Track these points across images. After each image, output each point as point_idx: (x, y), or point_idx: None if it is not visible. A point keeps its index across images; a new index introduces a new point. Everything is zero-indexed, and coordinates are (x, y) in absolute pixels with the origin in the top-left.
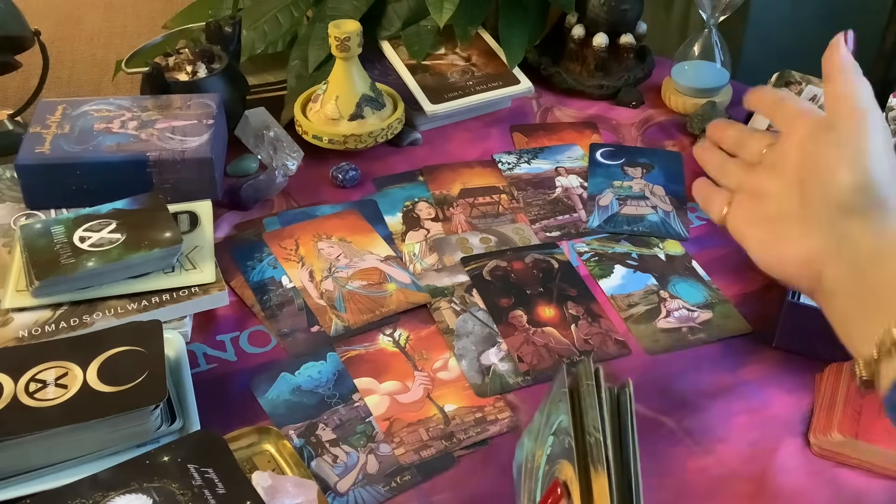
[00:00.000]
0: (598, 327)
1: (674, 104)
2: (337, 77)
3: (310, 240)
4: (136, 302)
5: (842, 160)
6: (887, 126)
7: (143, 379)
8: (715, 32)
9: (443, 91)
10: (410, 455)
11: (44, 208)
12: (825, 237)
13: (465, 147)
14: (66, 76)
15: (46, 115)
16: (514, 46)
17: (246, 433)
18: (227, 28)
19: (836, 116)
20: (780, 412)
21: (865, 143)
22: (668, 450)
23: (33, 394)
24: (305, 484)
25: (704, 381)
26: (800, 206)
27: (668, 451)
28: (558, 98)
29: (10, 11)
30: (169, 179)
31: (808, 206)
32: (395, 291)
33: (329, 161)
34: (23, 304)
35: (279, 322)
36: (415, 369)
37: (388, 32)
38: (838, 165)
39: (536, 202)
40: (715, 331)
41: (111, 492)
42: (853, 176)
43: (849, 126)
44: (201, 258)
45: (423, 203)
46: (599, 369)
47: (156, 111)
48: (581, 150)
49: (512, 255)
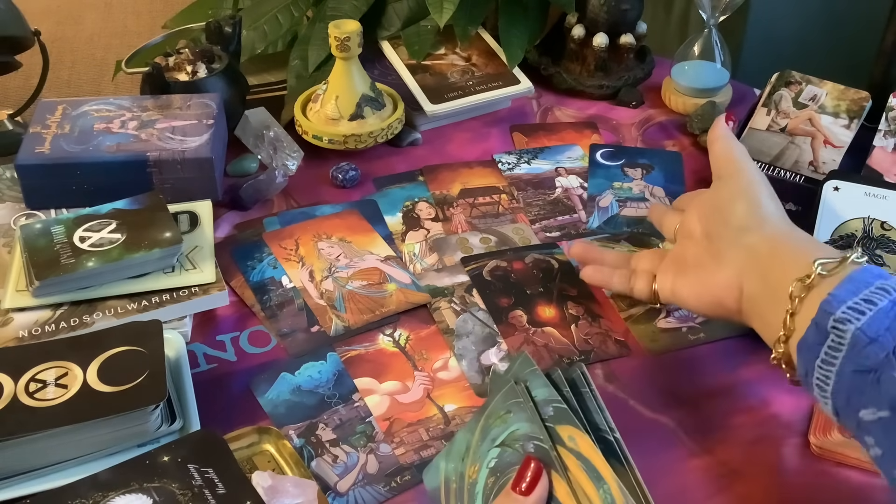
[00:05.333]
0: (598, 327)
1: (674, 104)
2: (337, 77)
3: (310, 240)
4: (136, 302)
5: (733, 198)
6: (760, 173)
7: (143, 379)
8: (715, 32)
9: (443, 91)
10: (410, 455)
11: (44, 208)
12: (736, 257)
13: (465, 147)
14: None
15: (46, 115)
16: (514, 46)
17: (246, 433)
18: (227, 28)
19: (722, 170)
20: (780, 412)
21: (748, 181)
22: (668, 450)
23: (33, 394)
24: (305, 484)
25: (704, 381)
26: (710, 246)
27: (668, 451)
28: (558, 98)
29: (10, 11)
30: (169, 179)
31: (717, 241)
32: (395, 291)
33: (329, 161)
34: (23, 304)
35: (279, 322)
36: (415, 369)
37: (388, 32)
38: (732, 202)
39: (536, 202)
40: (715, 331)
41: (111, 492)
42: (744, 204)
43: (733, 174)
44: (201, 258)
45: (423, 203)
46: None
47: (156, 111)
48: (581, 151)
49: (512, 255)
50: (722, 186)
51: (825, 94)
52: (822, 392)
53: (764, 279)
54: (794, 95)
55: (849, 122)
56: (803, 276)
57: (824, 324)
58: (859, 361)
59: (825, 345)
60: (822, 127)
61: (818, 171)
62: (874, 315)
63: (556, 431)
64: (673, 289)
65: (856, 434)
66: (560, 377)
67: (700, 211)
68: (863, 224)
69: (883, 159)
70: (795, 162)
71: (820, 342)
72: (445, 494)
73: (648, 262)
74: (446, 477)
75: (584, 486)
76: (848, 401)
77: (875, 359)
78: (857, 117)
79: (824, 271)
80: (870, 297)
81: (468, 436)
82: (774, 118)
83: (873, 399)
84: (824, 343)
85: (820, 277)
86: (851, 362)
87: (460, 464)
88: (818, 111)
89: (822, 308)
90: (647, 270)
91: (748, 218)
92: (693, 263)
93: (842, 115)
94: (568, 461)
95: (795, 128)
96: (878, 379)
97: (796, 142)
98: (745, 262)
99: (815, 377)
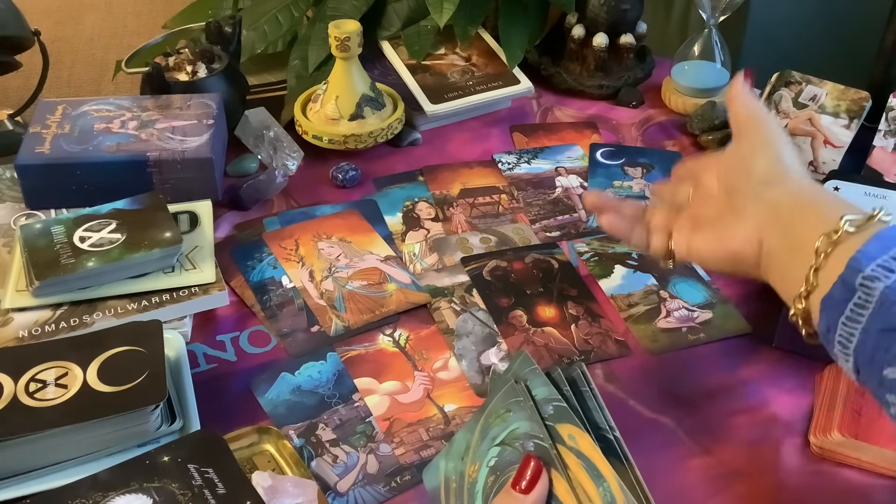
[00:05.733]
0: (598, 327)
1: (674, 104)
2: (337, 77)
3: (310, 240)
4: (136, 302)
5: (755, 151)
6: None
7: (143, 379)
8: (715, 32)
9: (443, 91)
10: (410, 455)
11: (44, 208)
12: (756, 210)
13: (465, 147)
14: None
15: (46, 115)
16: (514, 46)
17: (246, 433)
18: (227, 28)
19: (741, 127)
20: (780, 412)
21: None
22: (668, 450)
23: (33, 394)
24: (305, 484)
25: (704, 381)
26: (730, 201)
27: (668, 451)
28: (558, 98)
29: (10, 11)
30: (169, 179)
31: (737, 196)
32: (395, 291)
33: (329, 161)
34: (23, 304)
35: (279, 322)
36: (415, 369)
37: (388, 32)
38: (753, 155)
39: (536, 202)
40: (715, 331)
41: (111, 492)
42: (766, 157)
43: (754, 130)
44: (201, 258)
45: (423, 203)
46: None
47: (156, 111)
48: (581, 150)
49: (512, 255)
50: (743, 141)
51: (825, 94)
52: (843, 349)
53: (786, 233)
54: (794, 95)
55: (849, 122)
56: (830, 231)
57: (852, 281)
58: (887, 319)
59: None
60: (822, 127)
61: (818, 171)
62: None
63: (556, 430)
64: (689, 245)
65: (876, 392)
66: (560, 376)
67: (720, 167)
68: None
69: (883, 159)
70: None
71: (846, 299)
72: (445, 494)
73: (664, 218)
74: (446, 476)
75: (584, 485)
76: (872, 358)
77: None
78: (857, 117)
79: (852, 228)
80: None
81: (468, 435)
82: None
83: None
84: (850, 300)
85: (847, 234)
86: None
87: (460, 463)
88: (818, 111)
89: (850, 265)
90: (663, 226)
91: (770, 171)
92: (712, 219)
93: (842, 115)
94: (568, 460)
95: (795, 128)
96: None
97: (796, 142)
98: (766, 216)
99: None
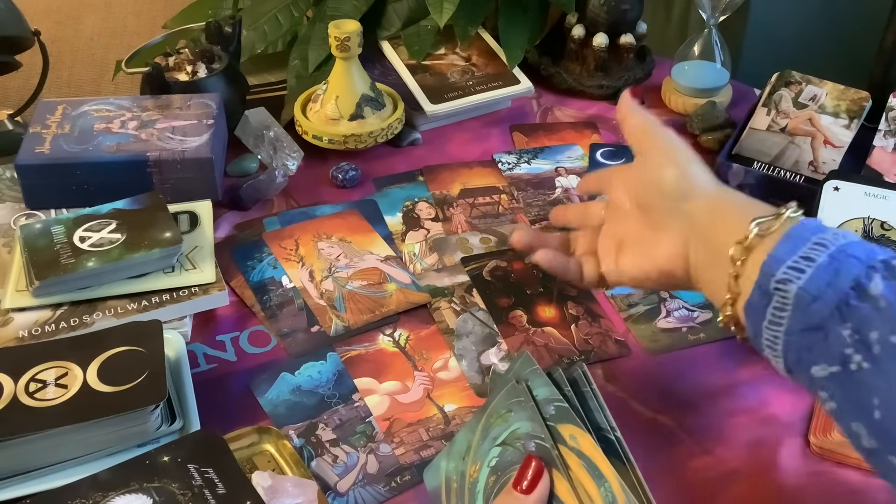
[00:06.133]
0: (598, 327)
1: (674, 104)
2: (337, 77)
3: (310, 240)
4: (136, 302)
5: (659, 167)
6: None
7: (143, 379)
8: (715, 32)
9: (443, 91)
10: (410, 455)
11: (44, 208)
12: (676, 225)
13: (465, 147)
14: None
15: (46, 115)
16: (514, 46)
17: (246, 433)
18: (227, 28)
19: (640, 144)
20: (780, 412)
21: (671, 148)
22: (668, 450)
23: (33, 394)
24: (305, 484)
25: (704, 381)
26: (648, 218)
27: (668, 451)
28: (558, 98)
29: (10, 11)
30: (169, 179)
31: (653, 213)
32: (395, 291)
33: (329, 161)
34: (23, 304)
35: (279, 322)
36: (415, 369)
37: (388, 32)
38: (659, 172)
39: (536, 202)
40: (715, 331)
41: (111, 492)
42: (672, 172)
43: (654, 145)
44: (201, 258)
45: (423, 203)
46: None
47: (156, 111)
48: (581, 150)
49: (512, 255)
50: (646, 158)
51: (825, 94)
52: (773, 352)
53: (707, 244)
54: (794, 95)
55: (849, 122)
56: (742, 237)
57: (766, 286)
58: (805, 320)
59: (770, 306)
60: (822, 127)
61: (818, 171)
62: (814, 272)
63: (558, 430)
64: (618, 268)
65: (809, 390)
66: (561, 376)
67: (628, 184)
68: (863, 224)
69: (883, 159)
70: (795, 162)
71: (765, 304)
72: (446, 494)
73: (587, 243)
74: (447, 476)
75: (586, 485)
76: (799, 358)
77: (820, 316)
78: (857, 117)
79: (761, 231)
80: (808, 254)
81: (469, 435)
82: (774, 118)
83: (822, 355)
84: (769, 305)
85: (759, 238)
86: (798, 321)
87: (461, 463)
88: (818, 111)
89: (762, 270)
90: (589, 251)
91: (680, 185)
92: (633, 238)
93: (842, 115)
94: (569, 460)
95: (795, 128)
96: (825, 336)
97: (796, 142)
98: (687, 230)
99: (764, 338)
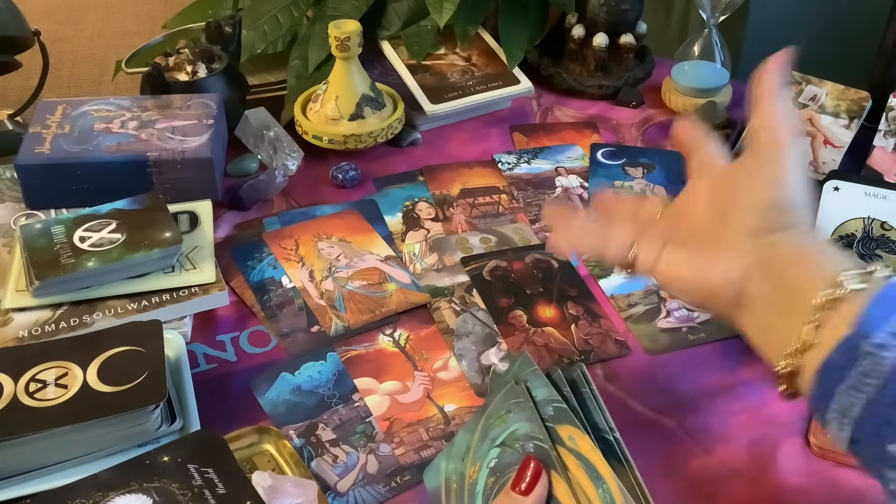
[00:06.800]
0: (598, 327)
1: (674, 104)
2: (337, 77)
3: (310, 240)
4: (136, 302)
5: (779, 184)
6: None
7: (143, 379)
8: (715, 32)
9: (443, 91)
10: (410, 455)
11: (44, 208)
12: (746, 251)
13: (465, 147)
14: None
15: (46, 115)
16: (514, 46)
17: (246, 433)
18: (227, 28)
19: (766, 140)
20: (780, 412)
21: (781, 171)
22: (668, 450)
23: (33, 394)
24: (305, 484)
25: (704, 381)
26: (718, 229)
27: (668, 451)
28: (558, 98)
29: (10, 11)
30: (169, 179)
31: (728, 226)
32: (395, 291)
33: (329, 161)
34: (23, 304)
35: (279, 322)
36: (415, 369)
37: (388, 32)
38: (755, 190)
39: (536, 202)
40: (715, 331)
41: (111, 492)
42: (777, 194)
43: (783, 153)
44: (201, 258)
45: (423, 203)
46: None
47: (156, 111)
48: (581, 150)
49: (512, 255)
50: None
51: (825, 94)
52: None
53: (780, 283)
54: (794, 95)
55: (849, 122)
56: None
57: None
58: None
59: (855, 369)
60: (822, 127)
61: (818, 171)
62: None
63: (556, 431)
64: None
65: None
66: (560, 377)
67: (716, 188)
68: (863, 224)
69: (883, 159)
70: None
71: (848, 366)
72: (446, 494)
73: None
74: (447, 477)
75: (584, 486)
76: (877, 432)
77: None
78: (857, 117)
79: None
80: None
81: (468, 436)
82: None
83: None
84: (852, 367)
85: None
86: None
87: (461, 464)
88: (818, 111)
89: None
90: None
91: (770, 217)
92: (692, 242)
93: (842, 115)
94: (568, 461)
95: None
96: None
97: None
98: (757, 260)
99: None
